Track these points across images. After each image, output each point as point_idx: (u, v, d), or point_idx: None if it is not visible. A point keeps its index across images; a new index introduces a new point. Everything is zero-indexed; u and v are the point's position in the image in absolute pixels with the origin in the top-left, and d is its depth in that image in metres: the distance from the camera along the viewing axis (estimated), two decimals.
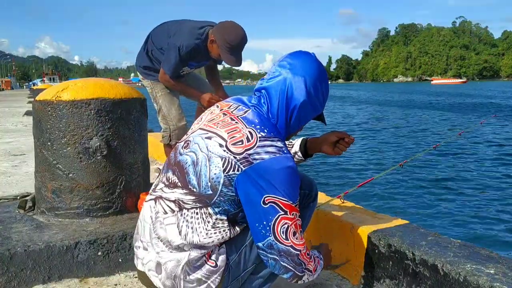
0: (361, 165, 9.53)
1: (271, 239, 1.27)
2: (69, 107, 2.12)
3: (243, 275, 1.42)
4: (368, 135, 14.95)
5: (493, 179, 7.97)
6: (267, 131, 1.31)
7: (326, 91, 1.44)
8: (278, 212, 1.26)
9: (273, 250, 1.29)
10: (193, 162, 1.32)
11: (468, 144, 12.17)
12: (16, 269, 1.85)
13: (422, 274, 1.55)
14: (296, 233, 1.29)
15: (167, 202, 1.35)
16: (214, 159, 1.28)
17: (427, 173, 8.50)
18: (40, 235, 2.01)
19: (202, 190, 1.29)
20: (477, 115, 21.64)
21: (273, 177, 1.25)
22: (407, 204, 6.43)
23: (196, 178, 1.30)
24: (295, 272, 1.32)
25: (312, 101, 1.38)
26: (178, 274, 1.32)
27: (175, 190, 1.34)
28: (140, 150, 2.35)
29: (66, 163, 2.15)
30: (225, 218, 1.33)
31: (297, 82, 1.35)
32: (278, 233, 1.27)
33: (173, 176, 1.36)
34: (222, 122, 1.36)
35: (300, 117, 1.39)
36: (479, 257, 1.48)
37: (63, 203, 2.19)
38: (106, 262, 2.00)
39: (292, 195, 1.28)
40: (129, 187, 2.29)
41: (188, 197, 1.31)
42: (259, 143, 1.28)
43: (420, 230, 1.80)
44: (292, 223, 1.28)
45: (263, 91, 1.39)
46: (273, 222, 1.26)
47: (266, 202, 1.25)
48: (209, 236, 1.32)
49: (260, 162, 1.25)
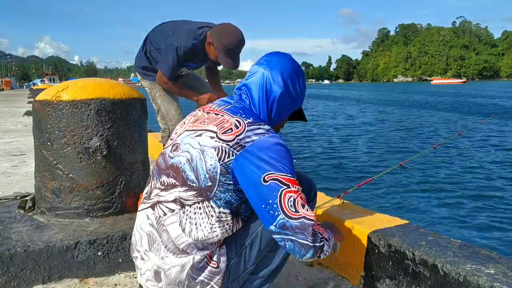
0: (361, 165, 9.53)
1: (281, 217, 1.25)
2: (69, 107, 2.12)
3: (243, 276, 1.42)
4: (368, 135, 14.94)
5: (493, 179, 7.97)
6: (252, 119, 1.37)
7: (303, 85, 1.51)
8: (281, 187, 1.26)
9: (287, 230, 1.26)
10: (187, 160, 1.33)
11: (468, 144, 12.17)
12: (16, 269, 1.85)
13: (422, 274, 1.55)
14: (305, 205, 1.28)
15: (166, 204, 1.34)
16: (208, 151, 1.30)
17: (427, 173, 8.50)
18: (40, 235, 2.01)
19: (201, 183, 1.30)
20: (477, 115, 21.64)
21: (268, 155, 1.28)
22: (407, 204, 6.43)
23: (193, 174, 1.31)
24: (315, 246, 1.28)
25: (290, 93, 1.45)
26: (183, 280, 1.31)
27: (173, 190, 1.34)
28: (140, 150, 2.35)
29: (66, 163, 2.15)
30: (228, 212, 1.33)
31: (275, 75, 1.43)
32: (286, 207, 1.26)
33: (169, 179, 1.36)
34: (208, 119, 1.40)
35: (280, 109, 1.45)
36: (479, 257, 1.49)
37: (63, 203, 2.19)
38: (106, 262, 2.00)
39: (290, 170, 1.30)
40: (129, 187, 2.29)
41: (189, 193, 1.31)
42: (248, 128, 1.33)
43: (420, 230, 1.80)
44: (297, 196, 1.28)
45: (243, 88, 1.46)
46: (279, 198, 1.26)
47: (266, 180, 1.26)
48: (214, 230, 1.31)
49: (252, 143, 1.30)
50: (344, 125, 18.11)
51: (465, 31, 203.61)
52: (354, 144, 12.79)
